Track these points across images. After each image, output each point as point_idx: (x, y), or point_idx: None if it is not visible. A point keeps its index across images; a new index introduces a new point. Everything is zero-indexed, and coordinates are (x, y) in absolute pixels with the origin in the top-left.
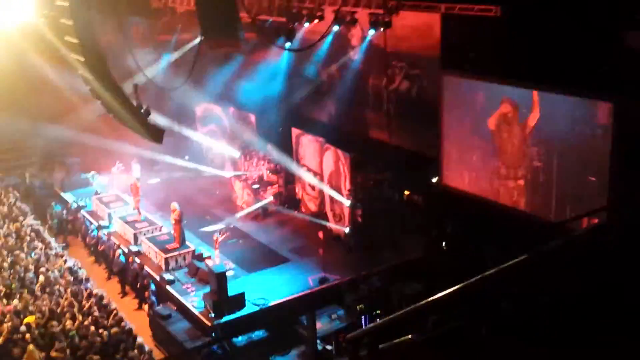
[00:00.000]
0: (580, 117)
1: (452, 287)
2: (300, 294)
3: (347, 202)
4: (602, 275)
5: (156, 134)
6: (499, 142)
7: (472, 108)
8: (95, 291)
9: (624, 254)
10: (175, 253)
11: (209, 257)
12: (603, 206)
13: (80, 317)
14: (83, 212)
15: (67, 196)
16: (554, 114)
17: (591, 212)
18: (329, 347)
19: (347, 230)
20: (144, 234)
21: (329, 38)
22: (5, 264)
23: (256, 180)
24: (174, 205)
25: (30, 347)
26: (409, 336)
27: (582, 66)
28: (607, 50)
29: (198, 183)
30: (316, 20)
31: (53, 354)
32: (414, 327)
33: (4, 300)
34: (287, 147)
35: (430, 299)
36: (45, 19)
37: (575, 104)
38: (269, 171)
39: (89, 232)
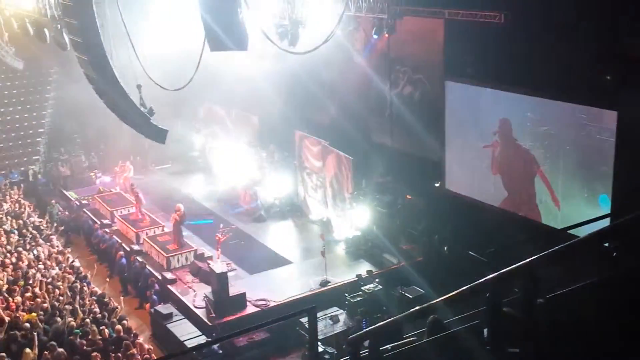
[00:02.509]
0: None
1: (453, 291)
2: (301, 295)
3: (349, 206)
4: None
5: (159, 134)
6: (503, 148)
7: (475, 114)
8: (96, 289)
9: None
10: (177, 252)
11: (210, 257)
12: (607, 214)
13: (81, 315)
14: (85, 210)
15: (70, 194)
16: (558, 117)
17: (594, 219)
18: (330, 350)
19: (348, 232)
20: (146, 233)
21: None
22: (8, 261)
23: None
24: (179, 205)
25: (27, 350)
26: (411, 339)
27: (586, 73)
28: (610, 57)
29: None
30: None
31: (48, 355)
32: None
33: (6, 297)
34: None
35: (432, 302)
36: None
37: (579, 110)
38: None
39: (91, 230)
